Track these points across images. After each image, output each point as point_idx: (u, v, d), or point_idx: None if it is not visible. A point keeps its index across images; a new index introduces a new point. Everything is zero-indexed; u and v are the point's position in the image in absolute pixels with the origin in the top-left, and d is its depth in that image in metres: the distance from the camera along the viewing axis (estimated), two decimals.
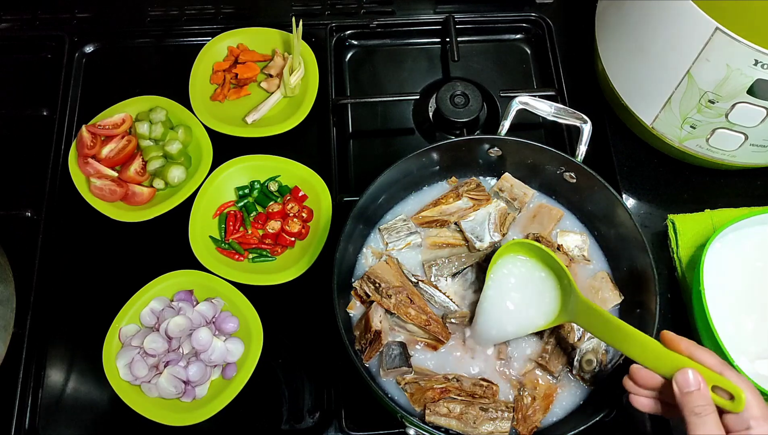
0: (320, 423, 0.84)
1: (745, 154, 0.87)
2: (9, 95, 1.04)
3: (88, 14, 1.09)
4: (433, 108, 1.03)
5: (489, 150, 0.85)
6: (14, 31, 1.08)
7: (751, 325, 0.83)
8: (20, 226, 0.93)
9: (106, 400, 0.84)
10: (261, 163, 0.95)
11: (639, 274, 0.78)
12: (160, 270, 0.88)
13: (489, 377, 0.77)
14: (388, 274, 0.80)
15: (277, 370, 0.87)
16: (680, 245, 0.90)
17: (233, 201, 0.94)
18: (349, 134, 1.02)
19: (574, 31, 1.09)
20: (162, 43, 1.09)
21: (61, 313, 0.89)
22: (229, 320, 0.86)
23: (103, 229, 0.93)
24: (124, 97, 0.99)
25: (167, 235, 0.92)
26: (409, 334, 0.79)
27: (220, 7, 1.10)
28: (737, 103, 0.79)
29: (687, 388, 0.58)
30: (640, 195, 0.97)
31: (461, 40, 1.07)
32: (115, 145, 0.95)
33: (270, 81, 1.02)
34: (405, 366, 0.76)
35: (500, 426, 0.73)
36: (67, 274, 0.92)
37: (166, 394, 0.81)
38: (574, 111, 0.83)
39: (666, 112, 0.87)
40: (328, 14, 1.10)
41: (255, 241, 0.92)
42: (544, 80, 1.07)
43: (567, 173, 0.83)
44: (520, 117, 0.84)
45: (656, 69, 0.85)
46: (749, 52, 0.73)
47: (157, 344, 0.83)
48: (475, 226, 0.85)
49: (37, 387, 0.85)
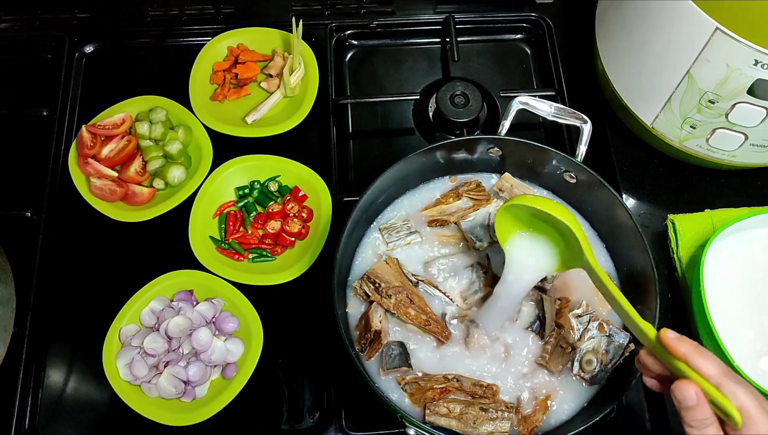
0: (320, 423, 0.84)
1: (745, 154, 0.87)
2: (9, 95, 1.04)
3: (88, 14, 1.09)
4: (433, 108, 1.03)
5: (489, 150, 0.85)
6: (14, 31, 1.08)
7: (751, 325, 0.83)
8: (20, 226, 0.93)
9: (106, 400, 0.84)
10: (261, 163, 0.95)
11: (639, 274, 0.78)
12: (160, 270, 0.88)
13: (489, 377, 0.77)
14: (388, 274, 0.80)
15: (277, 370, 0.87)
16: (680, 245, 0.90)
17: (233, 201, 0.94)
18: (349, 134, 1.02)
19: (574, 31, 1.09)
20: (162, 43, 1.08)
21: (61, 313, 0.89)
22: (229, 320, 0.86)
23: (103, 229, 0.93)
24: (124, 97, 0.99)
25: (167, 235, 0.91)
26: (409, 334, 0.79)
27: (220, 7, 1.10)
28: (737, 103, 0.79)
29: (685, 402, 0.55)
30: (640, 195, 0.97)
31: (461, 40, 1.07)
32: (115, 145, 0.95)
33: (270, 81, 1.02)
34: (405, 366, 0.76)
35: (500, 426, 0.73)
36: (67, 274, 0.92)
37: (166, 394, 0.81)
38: (574, 111, 0.83)
39: (666, 112, 0.87)
40: (328, 14, 1.10)
41: (255, 241, 0.92)
42: (544, 80, 1.07)
43: (567, 173, 0.84)
44: (520, 117, 0.84)
45: (656, 69, 0.85)
46: (749, 52, 0.73)
47: (157, 344, 0.83)
48: (475, 226, 0.85)
49: (37, 387, 0.85)
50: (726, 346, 0.77)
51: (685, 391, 0.55)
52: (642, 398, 0.85)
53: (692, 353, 0.57)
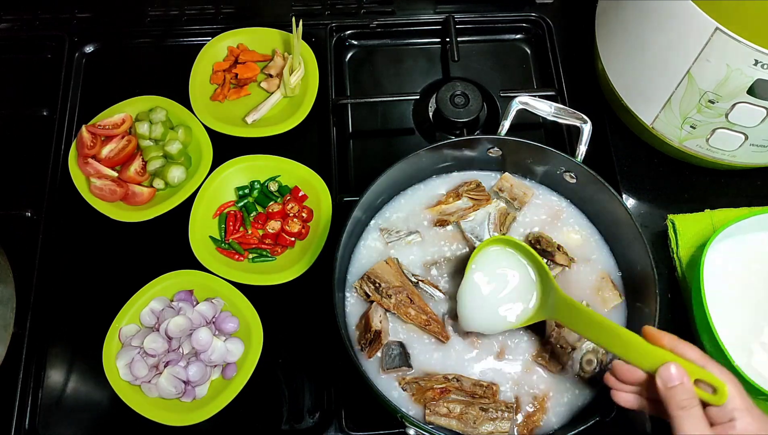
0: (320, 423, 0.84)
1: (745, 154, 0.87)
2: (9, 95, 1.04)
3: (88, 14, 1.09)
4: (433, 108, 1.03)
5: (489, 150, 0.85)
6: (14, 31, 1.08)
7: (750, 325, 0.83)
8: (20, 226, 0.93)
9: (106, 401, 0.84)
10: (261, 163, 0.95)
11: (639, 274, 0.78)
12: (160, 270, 0.88)
13: (489, 377, 0.77)
14: (388, 274, 0.80)
15: (277, 370, 0.87)
16: (680, 245, 0.90)
17: (233, 201, 0.94)
18: (349, 134, 1.02)
19: (574, 31, 1.09)
20: (162, 43, 1.08)
21: (61, 314, 0.89)
22: (229, 320, 0.86)
23: (103, 229, 0.93)
24: (124, 97, 0.99)
25: (167, 235, 0.91)
26: (409, 334, 0.79)
27: (220, 7, 1.10)
28: (737, 103, 0.79)
29: (671, 382, 0.58)
30: (640, 195, 0.97)
31: (461, 40, 1.07)
32: (115, 145, 0.95)
33: (270, 81, 1.02)
34: (405, 366, 0.76)
35: (500, 426, 0.73)
36: (67, 274, 0.92)
37: (166, 394, 0.81)
38: (574, 111, 0.83)
39: (666, 112, 0.87)
40: (328, 14, 1.10)
41: (255, 241, 0.92)
42: (544, 80, 1.07)
43: (567, 173, 0.84)
44: (520, 117, 0.84)
45: (656, 69, 0.85)
46: (749, 52, 0.73)
47: (157, 344, 0.83)
48: (475, 226, 0.85)
49: (37, 387, 0.85)
50: (725, 345, 0.77)
51: (670, 369, 0.58)
52: None
53: (676, 342, 0.61)
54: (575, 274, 0.82)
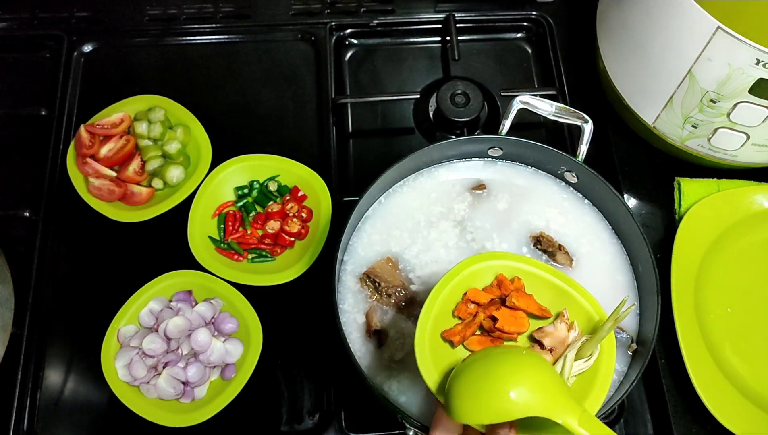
0: (320, 424, 0.83)
1: (746, 153, 0.87)
2: (7, 94, 1.04)
3: (86, 13, 1.09)
4: (433, 107, 1.03)
5: (490, 149, 0.85)
6: (12, 30, 1.08)
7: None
8: (18, 226, 0.93)
9: (104, 401, 0.84)
10: (260, 163, 0.95)
11: (639, 274, 0.78)
12: (159, 270, 0.88)
13: None
14: (388, 274, 0.79)
15: (277, 370, 0.86)
16: (683, 206, 0.92)
17: (232, 201, 0.94)
18: (349, 134, 1.02)
19: (575, 30, 1.09)
20: (161, 42, 1.08)
21: (60, 314, 0.89)
22: (228, 321, 0.85)
23: (102, 229, 0.92)
24: (122, 96, 0.99)
25: (166, 235, 0.91)
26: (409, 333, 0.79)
27: (219, 6, 1.10)
28: (739, 103, 0.79)
29: None
30: (642, 194, 0.97)
31: (462, 39, 1.06)
32: (113, 145, 0.95)
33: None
34: None
35: None
36: (65, 274, 0.91)
37: (165, 395, 0.81)
38: (575, 110, 0.83)
39: (667, 112, 0.87)
40: (327, 13, 1.10)
41: (254, 242, 0.91)
42: (545, 79, 1.07)
43: (568, 173, 0.83)
44: (521, 116, 0.83)
45: (658, 68, 0.84)
46: (751, 52, 0.73)
47: (156, 345, 0.82)
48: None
49: (36, 388, 0.85)
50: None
51: None
52: (643, 398, 0.85)
53: None
54: (575, 275, 0.82)
